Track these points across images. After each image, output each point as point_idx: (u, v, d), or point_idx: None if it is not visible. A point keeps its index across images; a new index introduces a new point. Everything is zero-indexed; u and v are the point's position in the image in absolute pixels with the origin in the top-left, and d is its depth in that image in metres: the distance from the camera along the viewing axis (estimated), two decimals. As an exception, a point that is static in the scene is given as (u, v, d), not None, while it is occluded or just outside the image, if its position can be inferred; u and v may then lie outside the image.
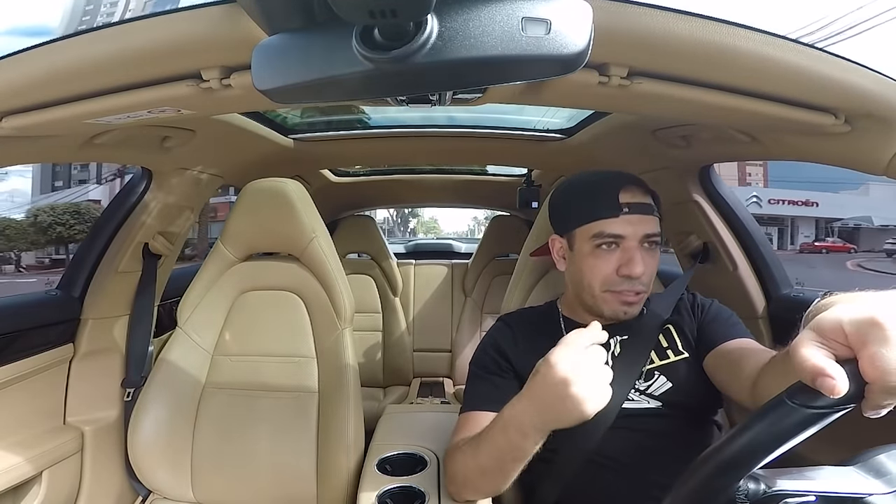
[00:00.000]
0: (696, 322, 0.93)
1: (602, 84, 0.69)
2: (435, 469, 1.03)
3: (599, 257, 0.86)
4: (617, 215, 0.84)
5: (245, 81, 0.66)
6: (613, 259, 0.85)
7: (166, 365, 1.18)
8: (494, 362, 0.93)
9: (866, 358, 0.36)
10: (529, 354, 0.92)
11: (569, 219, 0.92)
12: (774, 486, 0.43)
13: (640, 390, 0.87)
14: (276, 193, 1.18)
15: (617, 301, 0.86)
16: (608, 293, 0.87)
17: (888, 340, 0.35)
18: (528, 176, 2.01)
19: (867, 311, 0.36)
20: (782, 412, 0.39)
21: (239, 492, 1.13)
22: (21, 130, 0.77)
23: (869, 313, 0.36)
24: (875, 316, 0.36)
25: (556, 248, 0.97)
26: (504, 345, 0.95)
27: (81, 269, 1.25)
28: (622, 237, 0.84)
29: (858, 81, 0.67)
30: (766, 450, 0.40)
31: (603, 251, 0.86)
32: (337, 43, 0.38)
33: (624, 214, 0.84)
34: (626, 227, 0.84)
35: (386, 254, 2.44)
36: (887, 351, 0.35)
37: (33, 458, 1.06)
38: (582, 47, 0.36)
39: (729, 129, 0.97)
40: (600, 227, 0.85)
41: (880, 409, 0.37)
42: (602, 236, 0.85)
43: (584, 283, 0.89)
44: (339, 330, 1.16)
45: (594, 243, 0.86)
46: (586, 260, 0.88)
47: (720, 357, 0.84)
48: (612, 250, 0.85)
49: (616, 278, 0.85)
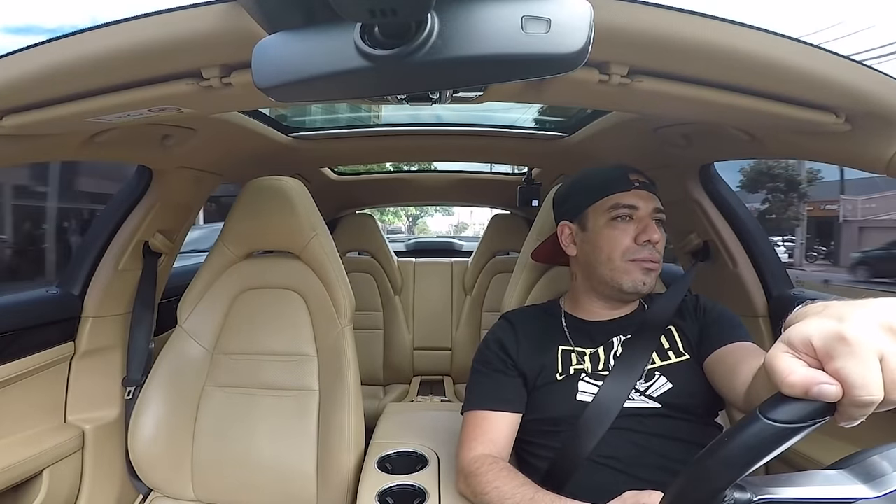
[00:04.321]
0: (698, 324, 0.94)
1: (602, 82, 0.69)
2: (435, 467, 1.03)
3: (617, 228, 0.91)
4: (630, 189, 0.91)
5: (245, 80, 0.66)
6: (630, 229, 0.91)
7: (167, 363, 1.18)
8: (500, 360, 0.94)
9: (832, 373, 0.36)
10: (532, 352, 0.93)
11: (580, 201, 0.97)
12: (761, 494, 0.43)
13: (640, 391, 0.87)
14: (276, 191, 1.19)
15: (638, 269, 0.90)
16: (630, 262, 0.90)
17: (854, 355, 0.35)
18: (528, 174, 2.01)
19: (834, 326, 0.36)
20: (757, 428, 0.39)
21: (239, 490, 1.13)
22: (22, 129, 0.77)
23: (836, 328, 0.36)
24: (842, 331, 0.36)
25: (564, 234, 1.00)
26: (507, 342, 0.95)
27: (82, 267, 1.25)
28: (636, 208, 0.91)
29: (859, 80, 0.67)
30: (743, 465, 0.40)
31: (619, 223, 0.91)
32: (337, 41, 0.38)
33: (636, 188, 0.92)
34: (638, 199, 0.91)
35: (386, 252, 2.44)
36: (854, 366, 0.35)
37: (34, 457, 1.06)
38: (582, 46, 0.36)
39: (729, 127, 0.97)
40: (616, 199, 0.92)
41: (853, 420, 0.37)
42: (618, 207, 0.91)
43: (604, 256, 0.92)
44: (340, 328, 1.16)
45: (610, 215, 0.92)
46: (603, 233, 0.92)
47: (719, 360, 0.84)
48: (627, 222, 0.91)
49: (635, 246, 0.90)
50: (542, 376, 0.91)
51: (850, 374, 0.35)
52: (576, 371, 0.90)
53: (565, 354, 0.93)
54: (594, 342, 0.94)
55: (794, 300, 1.21)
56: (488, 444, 0.88)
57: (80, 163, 6.57)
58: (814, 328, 0.37)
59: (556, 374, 0.91)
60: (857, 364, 0.35)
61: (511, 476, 0.81)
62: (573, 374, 0.90)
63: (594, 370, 0.90)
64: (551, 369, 0.91)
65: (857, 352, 0.35)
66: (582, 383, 0.89)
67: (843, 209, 15.37)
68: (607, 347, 0.92)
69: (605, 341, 0.93)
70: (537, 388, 0.91)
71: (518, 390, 0.92)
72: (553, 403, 0.90)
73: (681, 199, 1.35)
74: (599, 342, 0.93)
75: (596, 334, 0.95)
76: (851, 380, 0.35)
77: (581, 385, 0.89)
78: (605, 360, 0.91)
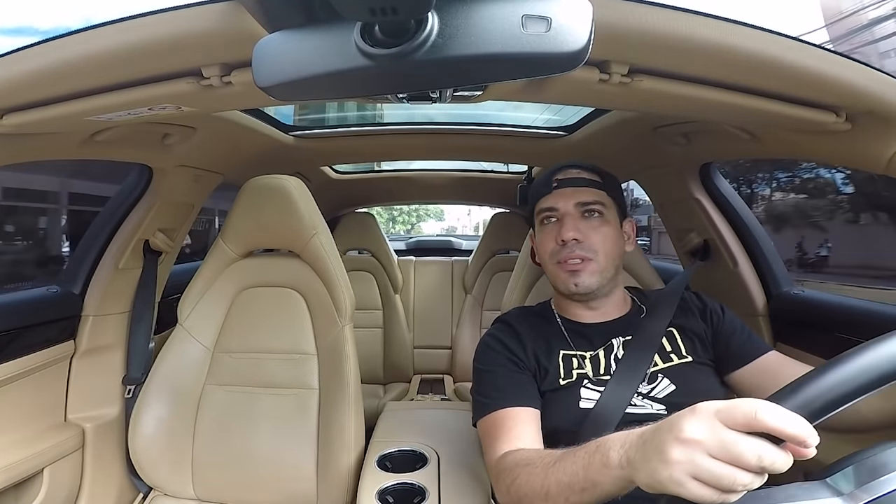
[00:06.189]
0: (711, 329, 0.93)
1: (603, 81, 0.69)
2: (435, 466, 1.03)
3: (543, 231, 0.95)
4: (550, 191, 0.94)
5: (246, 78, 0.66)
6: (553, 230, 0.93)
7: (167, 362, 1.18)
8: (509, 360, 0.89)
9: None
10: (537, 355, 0.90)
11: (531, 210, 1.01)
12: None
13: (642, 394, 0.85)
14: (276, 190, 1.19)
15: (563, 271, 0.91)
16: (557, 266, 0.92)
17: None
18: (528, 173, 2.01)
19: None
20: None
21: (239, 488, 1.13)
22: (22, 127, 0.77)
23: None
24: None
25: (533, 243, 1.03)
26: (511, 344, 0.92)
27: (82, 265, 1.25)
28: (555, 209, 0.93)
29: (859, 79, 0.67)
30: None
31: (546, 226, 0.95)
32: (338, 40, 0.38)
33: (555, 189, 0.94)
34: (558, 199, 0.93)
35: (386, 250, 2.44)
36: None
37: (34, 456, 1.06)
38: (582, 45, 0.36)
39: (730, 126, 0.97)
40: (540, 204, 0.96)
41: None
42: (542, 212, 0.95)
43: (542, 260, 0.97)
44: (340, 326, 1.16)
45: (540, 219, 0.96)
46: (538, 237, 0.97)
47: (759, 374, 0.85)
48: (552, 224, 0.94)
49: (557, 247, 0.92)
50: (547, 381, 0.88)
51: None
52: (578, 376, 0.87)
53: (566, 359, 0.90)
54: (593, 345, 0.91)
55: (794, 299, 1.21)
56: (514, 440, 0.78)
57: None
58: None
59: (559, 379, 0.88)
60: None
61: (534, 451, 0.74)
62: (576, 380, 0.87)
63: (595, 374, 0.87)
64: (554, 374, 0.88)
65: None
66: (584, 390, 0.86)
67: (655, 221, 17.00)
68: (608, 350, 0.90)
69: (604, 344, 0.91)
70: (542, 393, 0.88)
71: (534, 387, 0.88)
72: (555, 412, 0.85)
73: (681, 197, 1.35)
74: (598, 345, 0.91)
75: (594, 337, 0.92)
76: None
77: (583, 392, 0.85)
78: (606, 363, 0.89)
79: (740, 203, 1.34)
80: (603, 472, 0.55)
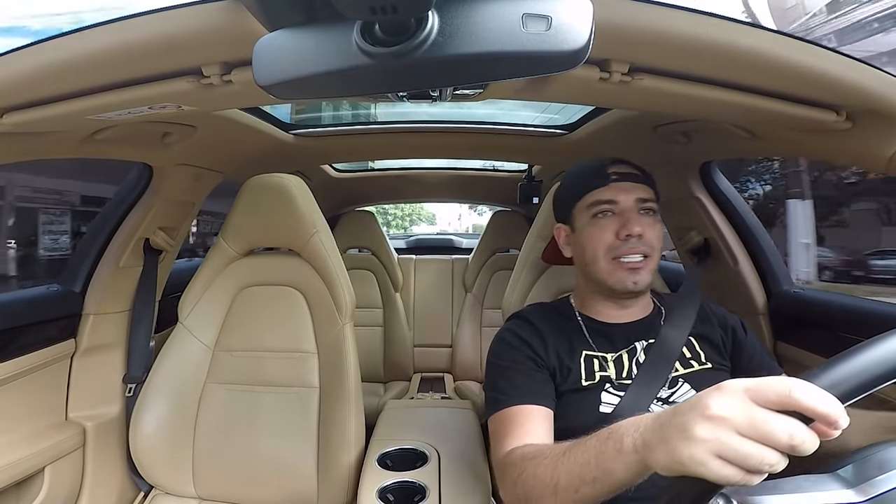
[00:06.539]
0: (731, 342, 0.93)
1: (603, 80, 0.69)
2: (435, 464, 1.03)
3: (597, 225, 0.89)
4: (606, 183, 0.89)
5: (246, 77, 0.66)
6: (612, 224, 0.88)
7: (167, 360, 1.19)
8: (527, 356, 0.87)
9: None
10: (559, 354, 0.88)
11: (568, 202, 0.95)
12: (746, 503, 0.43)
13: (662, 399, 0.83)
14: (276, 188, 1.19)
15: (623, 269, 0.87)
16: (613, 262, 0.87)
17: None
18: (528, 171, 2.01)
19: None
20: None
21: (240, 487, 1.13)
22: (22, 126, 0.77)
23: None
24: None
25: (561, 236, 0.98)
26: (532, 341, 0.89)
27: (82, 264, 1.25)
28: (616, 202, 0.88)
29: (860, 78, 0.67)
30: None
31: (600, 219, 0.89)
32: (338, 39, 0.38)
33: (613, 182, 0.89)
34: (617, 192, 0.88)
35: (386, 249, 2.44)
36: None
37: (35, 454, 1.06)
38: (583, 43, 0.36)
39: (730, 125, 0.97)
40: (594, 196, 0.90)
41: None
42: (597, 204, 0.89)
43: (590, 256, 0.90)
44: (340, 325, 1.16)
45: (591, 213, 0.90)
46: (586, 231, 0.90)
47: None
48: (609, 217, 0.88)
49: (617, 242, 0.87)
50: (569, 381, 0.85)
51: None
52: (601, 378, 0.85)
53: (588, 359, 0.87)
54: (614, 346, 0.89)
55: (795, 298, 1.21)
56: (524, 437, 0.76)
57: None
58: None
59: (580, 379, 0.85)
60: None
61: (543, 444, 0.73)
62: (598, 382, 0.85)
63: (618, 378, 0.85)
64: (576, 374, 0.86)
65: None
66: (605, 394, 0.84)
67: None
68: (630, 353, 0.88)
69: (626, 346, 0.89)
70: (561, 393, 0.85)
71: (550, 386, 0.85)
72: (573, 413, 0.83)
73: (681, 196, 1.35)
74: (620, 346, 0.89)
75: (616, 338, 0.90)
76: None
77: (604, 396, 0.84)
78: (629, 367, 0.87)
79: (740, 202, 1.34)
80: (616, 458, 0.53)
